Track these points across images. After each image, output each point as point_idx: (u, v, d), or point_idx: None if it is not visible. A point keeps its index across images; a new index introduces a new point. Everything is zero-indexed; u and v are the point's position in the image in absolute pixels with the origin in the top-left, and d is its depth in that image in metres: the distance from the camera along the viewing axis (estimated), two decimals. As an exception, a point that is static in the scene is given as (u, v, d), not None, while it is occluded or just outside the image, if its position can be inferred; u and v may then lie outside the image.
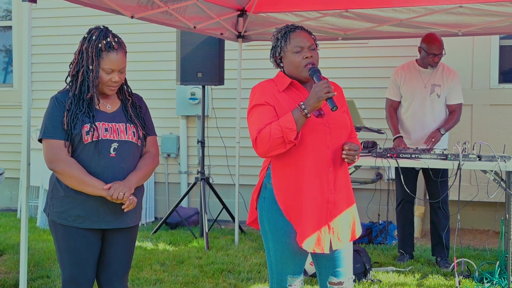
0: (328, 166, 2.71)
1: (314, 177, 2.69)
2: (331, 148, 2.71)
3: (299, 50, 2.74)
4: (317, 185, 2.70)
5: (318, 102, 2.57)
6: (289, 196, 2.71)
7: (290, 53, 2.75)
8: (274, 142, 2.56)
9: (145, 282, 4.53)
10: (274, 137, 2.56)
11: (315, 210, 2.70)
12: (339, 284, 2.81)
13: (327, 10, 5.16)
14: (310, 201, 2.69)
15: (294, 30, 2.78)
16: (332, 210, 2.73)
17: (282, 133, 2.55)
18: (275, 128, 2.57)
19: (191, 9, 4.75)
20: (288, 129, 2.55)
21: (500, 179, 4.27)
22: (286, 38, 2.77)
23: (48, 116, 2.78)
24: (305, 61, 2.72)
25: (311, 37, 2.79)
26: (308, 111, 2.57)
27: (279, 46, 2.79)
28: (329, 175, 2.71)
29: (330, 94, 2.56)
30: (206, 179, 6.07)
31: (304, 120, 2.58)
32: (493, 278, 4.44)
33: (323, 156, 2.70)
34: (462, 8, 4.80)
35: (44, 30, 7.32)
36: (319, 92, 2.56)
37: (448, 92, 4.92)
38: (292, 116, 2.57)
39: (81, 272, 2.82)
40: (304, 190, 2.69)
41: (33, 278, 4.57)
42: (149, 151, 2.96)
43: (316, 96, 2.56)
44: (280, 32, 2.81)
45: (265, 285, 4.45)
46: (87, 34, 2.81)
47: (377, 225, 5.88)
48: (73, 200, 2.77)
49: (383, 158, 4.41)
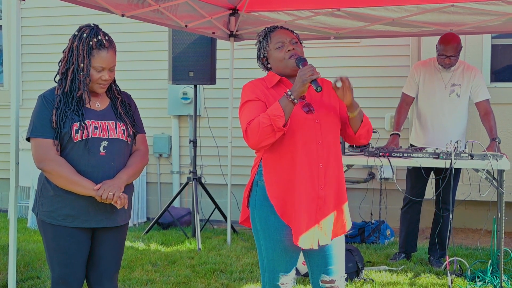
0: (318, 162, 2.71)
1: (305, 172, 2.69)
2: (322, 143, 2.72)
3: (281, 45, 2.78)
4: (308, 180, 2.70)
5: (303, 85, 2.57)
6: (281, 192, 2.71)
7: (273, 51, 2.80)
8: (263, 131, 2.56)
9: (137, 283, 4.51)
10: (263, 126, 2.56)
11: (306, 205, 2.70)
12: (331, 282, 2.81)
13: (319, 9, 5.16)
14: (302, 196, 2.69)
15: (273, 30, 2.84)
16: (322, 206, 2.73)
17: (270, 120, 2.55)
18: (263, 117, 2.58)
19: (182, 7, 4.74)
20: (275, 116, 2.55)
21: (492, 177, 4.28)
22: (267, 38, 2.82)
23: (36, 114, 2.75)
24: (288, 53, 2.76)
25: (292, 33, 2.84)
26: (295, 96, 2.57)
27: (262, 48, 2.85)
28: (320, 170, 2.71)
29: (314, 76, 2.56)
30: (198, 179, 6.07)
31: (291, 106, 2.58)
32: (485, 277, 4.45)
33: (313, 151, 2.70)
34: (454, 7, 4.81)
35: (35, 29, 7.29)
36: (303, 76, 2.57)
37: (472, 90, 4.83)
38: (279, 104, 2.58)
39: (71, 271, 2.79)
40: (296, 185, 2.69)
41: (23, 279, 4.55)
42: (139, 149, 2.94)
43: (300, 80, 2.57)
44: (261, 35, 2.88)
45: (257, 284, 4.44)
46: (78, 32, 2.78)
47: (370, 224, 5.89)
48: (63, 199, 2.74)
49: (376, 157, 4.41)
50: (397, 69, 6.33)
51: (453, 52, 4.73)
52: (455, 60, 4.78)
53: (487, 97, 4.86)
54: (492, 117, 4.81)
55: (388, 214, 6.08)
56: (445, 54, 4.73)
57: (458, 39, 4.78)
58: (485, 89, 4.87)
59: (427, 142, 4.90)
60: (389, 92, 5.91)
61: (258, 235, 2.81)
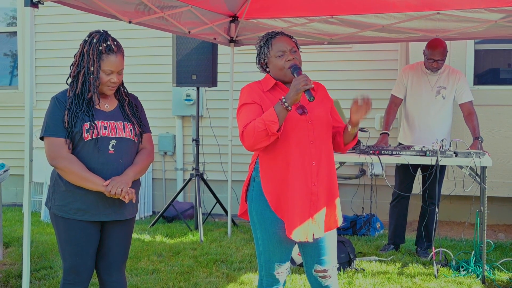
0: (311, 160, 2.72)
1: (299, 170, 2.70)
2: (314, 143, 2.73)
3: (281, 54, 2.76)
4: (302, 178, 2.70)
5: (297, 94, 2.57)
6: (276, 188, 2.72)
7: (274, 58, 2.78)
8: (258, 135, 2.57)
9: (143, 272, 4.51)
10: (258, 130, 2.56)
11: (300, 201, 2.70)
12: (324, 272, 2.82)
13: (314, 16, 5.16)
14: (295, 192, 2.70)
15: (275, 36, 2.81)
16: (315, 202, 2.73)
17: (265, 125, 2.56)
18: (258, 121, 2.58)
19: (185, 15, 4.73)
20: (270, 122, 2.55)
21: (475, 174, 4.28)
22: (268, 45, 2.79)
23: (49, 115, 2.76)
24: (288, 63, 2.74)
25: (292, 41, 2.82)
26: (289, 104, 2.57)
27: (263, 53, 2.82)
28: (313, 168, 2.72)
29: (307, 86, 2.56)
30: (200, 175, 6.06)
31: (285, 113, 2.58)
32: (468, 267, 4.46)
33: (306, 150, 2.71)
34: (439, 15, 4.81)
35: (48, 35, 7.29)
36: (297, 85, 2.57)
37: (457, 92, 4.84)
38: (274, 110, 2.58)
39: (81, 262, 2.80)
40: (289, 182, 2.70)
41: (36, 268, 4.55)
42: (145, 147, 2.95)
43: (295, 89, 2.57)
44: (262, 40, 2.84)
45: (255, 274, 4.44)
46: (88, 37, 2.79)
47: (361, 217, 5.89)
48: (74, 194, 2.75)
49: (366, 154, 4.41)
50: (386, 72, 6.33)
51: (441, 56, 4.75)
52: (442, 63, 4.80)
53: (471, 99, 4.87)
54: (475, 117, 4.82)
55: (378, 208, 6.08)
56: (433, 58, 4.75)
57: (445, 44, 4.80)
58: (468, 91, 4.89)
59: (414, 140, 4.90)
60: (379, 94, 5.90)
61: (255, 228, 2.81)
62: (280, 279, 2.85)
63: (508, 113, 5.96)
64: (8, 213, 6.78)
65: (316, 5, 4.97)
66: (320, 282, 2.83)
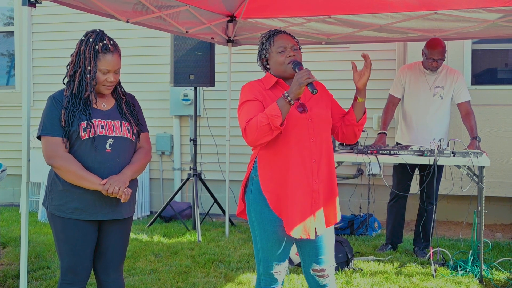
0: (311, 158, 2.72)
1: (299, 168, 2.70)
2: (314, 140, 2.73)
3: (283, 50, 2.78)
4: (303, 175, 2.71)
5: (300, 88, 2.57)
6: (274, 186, 2.72)
7: (275, 54, 2.79)
8: (262, 129, 2.57)
9: (141, 272, 4.51)
10: (261, 125, 2.56)
11: (301, 198, 2.70)
12: (321, 271, 2.82)
13: (312, 16, 5.15)
14: (295, 190, 2.70)
15: (277, 34, 2.84)
16: (316, 199, 2.74)
17: (268, 120, 2.56)
18: (262, 116, 2.59)
19: (183, 14, 4.73)
20: (273, 116, 2.56)
21: (473, 173, 4.29)
22: (270, 41, 2.81)
23: (46, 114, 2.75)
24: (289, 59, 2.76)
25: (293, 39, 2.84)
26: (292, 98, 2.58)
27: (264, 49, 2.84)
28: (313, 166, 2.72)
29: (310, 79, 2.57)
30: (198, 175, 6.06)
31: (288, 107, 2.59)
32: (466, 266, 4.47)
33: (307, 148, 2.71)
34: (437, 15, 4.81)
35: (45, 35, 7.28)
36: (300, 79, 2.57)
37: (454, 92, 4.85)
38: (277, 104, 2.59)
39: (79, 261, 2.79)
40: (289, 180, 2.70)
41: (34, 269, 4.54)
42: (143, 146, 2.94)
43: (297, 82, 2.57)
44: (265, 37, 2.87)
45: (253, 274, 4.44)
46: (84, 37, 2.78)
47: (359, 217, 5.89)
48: (71, 193, 2.74)
49: (364, 154, 4.41)
50: (384, 72, 6.33)
51: (440, 56, 4.77)
52: (442, 63, 4.82)
53: (468, 99, 4.88)
54: (472, 117, 4.83)
55: (376, 208, 6.09)
56: (433, 57, 4.76)
57: (443, 44, 4.81)
58: (466, 91, 4.89)
59: (412, 140, 4.91)
60: (377, 93, 5.90)
61: (253, 227, 2.81)
62: (278, 279, 2.85)
63: (506, 113, 5.97)
64: (5, 213, 6.77)
65: (313, 5, 4.97)
66: (317, 281, 2.83)
